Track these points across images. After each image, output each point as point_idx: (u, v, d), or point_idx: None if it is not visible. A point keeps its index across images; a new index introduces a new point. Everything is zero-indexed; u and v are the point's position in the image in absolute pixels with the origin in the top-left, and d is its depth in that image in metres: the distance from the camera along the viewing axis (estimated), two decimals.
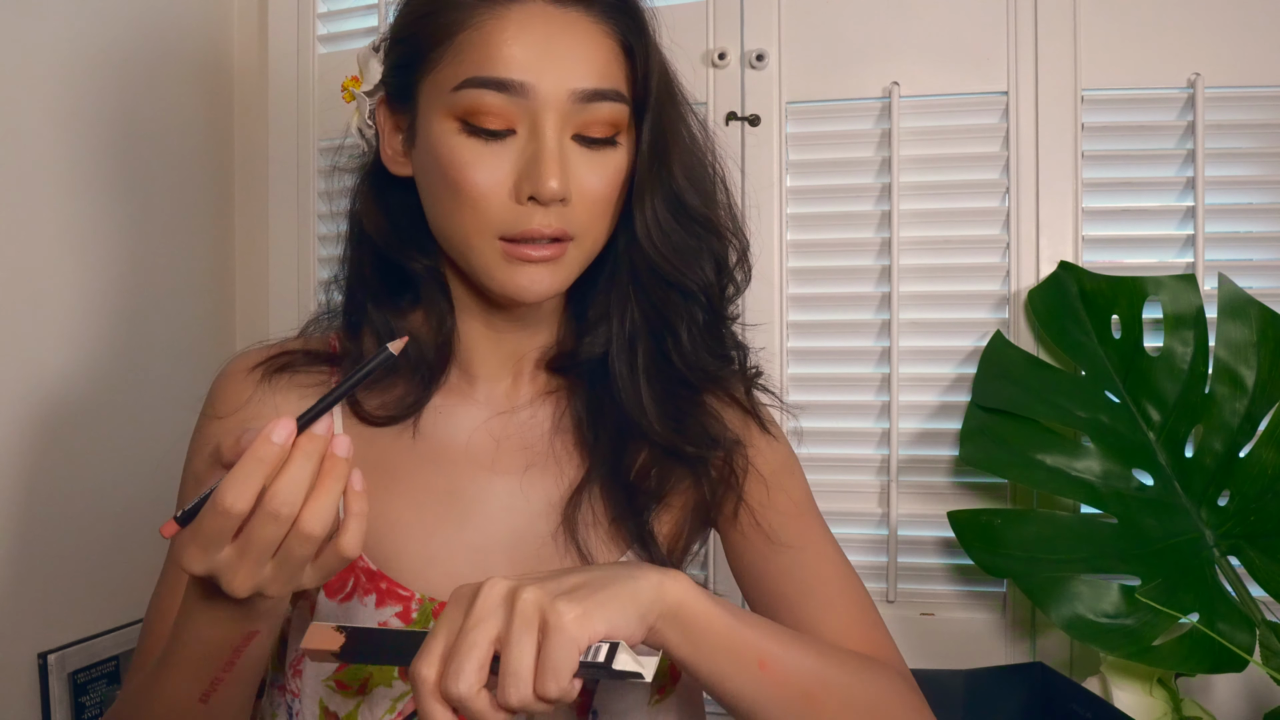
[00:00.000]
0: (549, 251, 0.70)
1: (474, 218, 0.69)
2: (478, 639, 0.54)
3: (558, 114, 0.68)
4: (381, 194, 0.78)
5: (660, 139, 0.73)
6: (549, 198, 0.67)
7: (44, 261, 1.17)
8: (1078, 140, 1.23)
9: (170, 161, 1.39)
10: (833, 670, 0.67)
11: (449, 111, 0.69)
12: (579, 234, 0.71)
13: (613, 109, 0.70)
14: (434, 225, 0.74)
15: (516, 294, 0.71)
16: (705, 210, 0.76)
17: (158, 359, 1.34)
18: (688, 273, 0.75)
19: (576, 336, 0.80)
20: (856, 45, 1.29)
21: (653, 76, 0.72)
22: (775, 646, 0.64)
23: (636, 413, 0.76)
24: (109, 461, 1.25)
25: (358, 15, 1.49)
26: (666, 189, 0.74)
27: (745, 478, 0.80)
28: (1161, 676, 1.05)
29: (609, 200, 0.72)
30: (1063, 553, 1.09)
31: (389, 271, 0.77)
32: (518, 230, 0.69)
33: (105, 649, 1.24)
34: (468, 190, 0.68)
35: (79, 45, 1.22)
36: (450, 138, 0.69)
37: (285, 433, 0.54)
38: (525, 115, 0.68)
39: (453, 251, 0.73)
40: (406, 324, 0.77)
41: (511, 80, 0.67)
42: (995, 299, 1.26)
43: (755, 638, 0.64)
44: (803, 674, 0.65)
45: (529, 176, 0.68)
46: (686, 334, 0.76)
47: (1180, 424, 1.13)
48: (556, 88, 0.68)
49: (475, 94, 0.68)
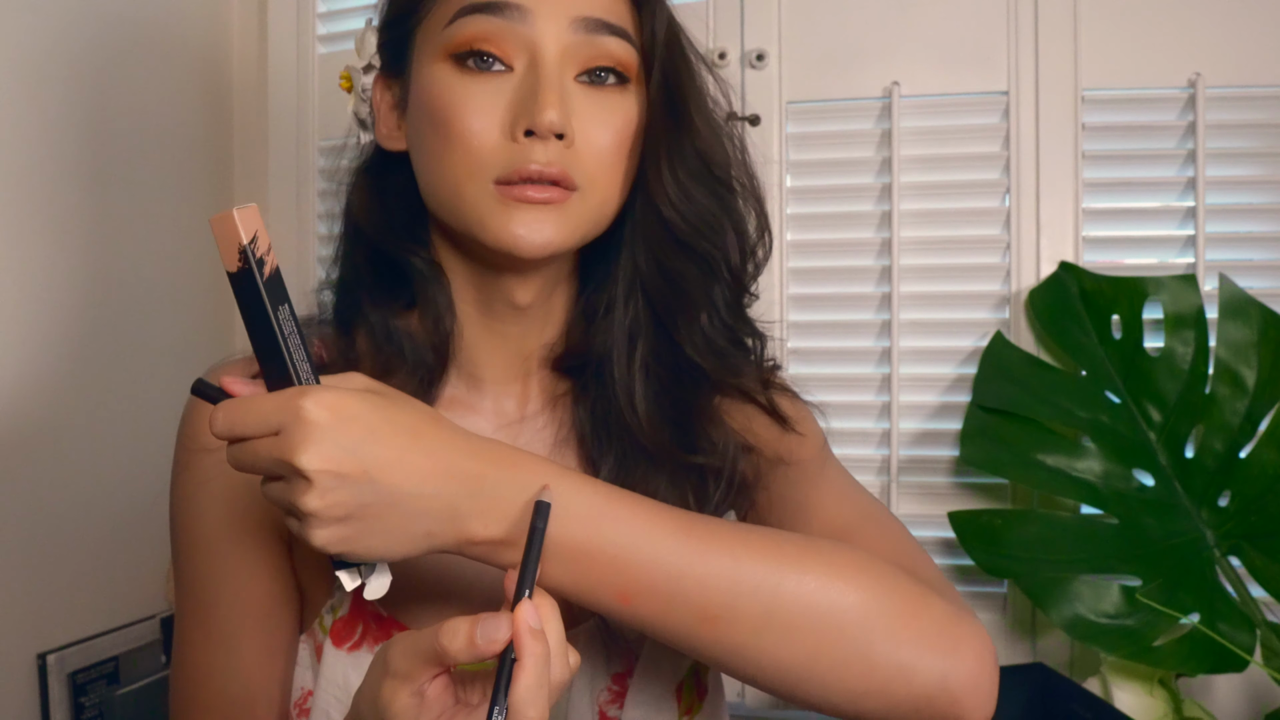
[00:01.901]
0: (550, 194, 0.62)
1: (465, 159, 0.62)
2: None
3: (558, 43, 0.63)
4: (376, 182, 0.73)
5: (676, 89, 0.67)
6: (546, 128, 0.60)
7: (44, 261, 1.17)
8: (1078, 140, 1.23)
9: (170, 161, 1.38)
10: (750, 579, 0.57)
11: (443, 50, 0.64)
12: (584, 185, 0.64)
13: (620, 45, 0.65)
14: (425, 184, 0.67)
15: (512, 244, 0.62)
16: (727, 169, 0.70)
17: (157, 359, 1.34)
18: (709, 237, 0.68)
19: (585, 334, 0.72)
20: (856, 45, 1.29)
21: (661, 24, 0.67)
22: (650, 571, 0.55)
23: (628, 414, 0.69)
24: (109, 462, 1.25)
25: (357, 16, 1.49)
26: (686, 144, 0.67)
27: (758, 483, 0.73)
28: (1162, 677, 1.05)
29: (617, 151, 0.65)
30: (1063, 553, 1.09)
31: (384, 268, 0.72)
32: (513, 169, 0.62)
33: (105, 649, 1.23)
34: (459, 130, 0.62)
35: (78, 45, 1.22)
36: (443, 79, 0.64)
37: (537, 615, 0.49)
38: (523, 47, 0.63)
39: (444, 208, 0.66)
40: (403, 323, 0.71)
41: (509, 2, 0.62)
42: (995, 299, 1.26)
43: (613, 567, 0.55)
44: (693, 596, 0.56)
45: (525, 110, 0.61)
46: (705, 314, 0.69)
47: (1181, 424, 1.13)
48: (557, 12, 0.63)
49: (470, 21, 0.63)
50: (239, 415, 0.52)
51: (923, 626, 0.59)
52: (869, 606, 0.58)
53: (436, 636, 0.48)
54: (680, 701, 0.73)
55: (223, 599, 0.69)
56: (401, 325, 0.71)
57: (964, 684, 0.60)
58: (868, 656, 0.58)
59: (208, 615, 0.70)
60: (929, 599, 0.61)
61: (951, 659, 0.59)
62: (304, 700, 0.71)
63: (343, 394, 0.52)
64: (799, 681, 0.59)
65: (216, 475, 0.68)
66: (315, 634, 0.71)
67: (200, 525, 0.70)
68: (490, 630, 0.48)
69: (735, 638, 0.57)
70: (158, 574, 1.35)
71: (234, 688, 0.69)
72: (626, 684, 0.71)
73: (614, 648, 0.70)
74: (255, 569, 0.69)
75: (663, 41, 0.67)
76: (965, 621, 0.61)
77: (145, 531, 1.31)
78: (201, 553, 0.70)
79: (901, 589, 0.60)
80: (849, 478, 0.77)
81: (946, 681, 0.59)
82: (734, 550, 0.57)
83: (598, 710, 0.70)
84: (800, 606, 0.57)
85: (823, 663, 0.58)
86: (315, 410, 0.50)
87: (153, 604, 1.33)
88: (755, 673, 0.59)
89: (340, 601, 0.69)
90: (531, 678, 0.47)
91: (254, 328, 0.52)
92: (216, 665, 0.69)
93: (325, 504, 0.51)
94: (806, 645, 0.57)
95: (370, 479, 0.51)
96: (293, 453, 0.50)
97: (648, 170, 0.67)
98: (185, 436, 0.71)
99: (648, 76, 0.67)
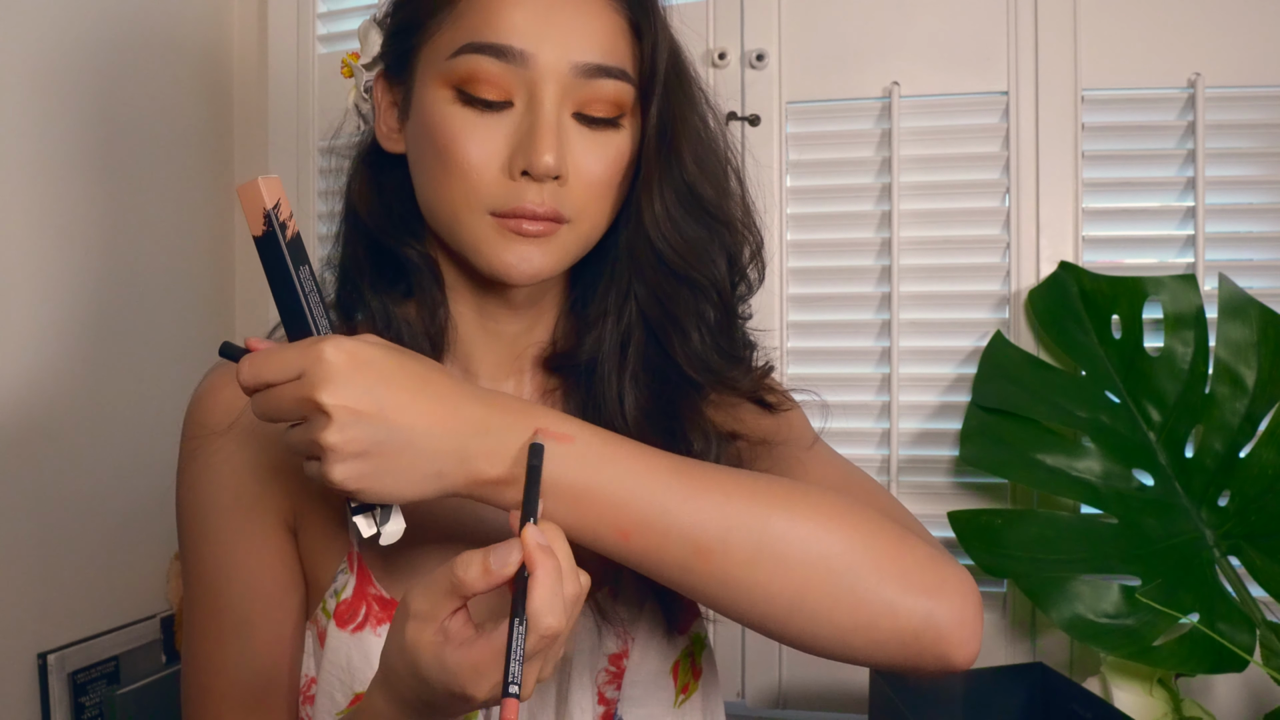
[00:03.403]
0: (542, 227, 0.66)
1: (463, 191, 0.66)
2: None
3: (558, 86, 0.65)
4: (375, 175, 0.75)
5: (670, 124, 0.69)
6: (542, 172, 0.64)
7: (44, 261, 1.17)
8: (1078, 140, 1.23)
9: (170, 161, 1.39)
10: (741, 515, 0.60)
11: (445, 79, 0.66)
12: (574, 217, 0.67)
13: (617, 88, 0.67)
14: (423, 201, 0.70)
15: (504, 272, 0.67)
16: (718, 201, 0.72)
17: (158, 359, 1.34)
18: (699, 267, 0.71)
19: (577, 335, 0.76)
20: (856, 45, 1.29)
21: (661, 58, 0.69)
22: (645, 508, 0.58)
23: (617, 420, 0.72)
24: (109, 462, 1.25)
25: (358, 15, 1.49)
26: (677, 178, 0.70)
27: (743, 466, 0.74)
28: (1161, 676, 1.05)
29: (608, 184, 0.68)
30: (1063, 553, 1.09)
31: (383, 257, 0.74)
32: (508, 207, 0.65)
33: (105, 649, 1.24)
34: (458, 161, 0.65)
35: (78, 45, 1.22)
36: (444, 107, 0.66)
37: (544, 536, 0.51)
38: (523, 86, 0.65)
39: (441, 228, 0.69)
40: (401, 312, 0.73)
41: (511, 47, 0.64)
42: (995, 299, 1.26)
43: (612, 503, 0.58)
44: (687, 530, 0.59)
45: (523, 150, 0.64)
46: (697, 333, 0.72)
47: (1180, 424, 1.13)
48: (558, 58, 0.65)
49: (472, 60, 0.65)
50: (264, 363, 0.56)
51: (906, 566, 0.61)
52: (854, 545, 0.61)
53: (452, 569, 0.51)
54: (676, 680, 0.75)
55: (233, 586, 0.71)
56: (400, 314, 0.73)
57: (949, 621, 0.61)
58: (854, 592, 0.60)
59: (218, 603, 0.71)
60: (912, 541, 0.63)
61: (935, 597, 0.61)
62: (307, 687, 0.73)
63: (360, 342, 0.56)
64: (788, 616, 0.61)
65: (223, 462, 0.70)
66: (319, 620, 0.72)
67: (208, 513, 0.71)
68: (502, 555, 0.50)
69: (728, 571, 0.59)
70: (158, 574, 1.35)
71: (247, 674, 0.70)
72: (623, 665, 0.73)
73: (608, 629, 0.72)
74: (263, 555, 0.71)
75: (662, 76, 0.69)
76: (948, 563, 0.64)
77: (145, 532, 1.31)
78: (210, 541, 0.71)
79: (886, 531, 0.62)
80: (837, 455, 0.78)
81: (931, 618, 0.61)
82: (725, 488, 0.61)
83: (596, 691, 0.72)
84: (789, 542, 0.60)
85: (811, 597, 0.60)
86: (335, 354, 0.54)
87: (153, 604, 1.33)
88: (748, 607, 0.61)
89: (343, 585, 0.70)
90: (546, 589, 0.50)
91: (277, 287, 0.57)
92: (229, 653, 0.70)
93: (344, 439, 0.54)
94: (795, 579, 0.60)
95: (385, 418, 0.55)
96: (314, 390, 0.54)
97: (640, 198, 0.70)
98: (193, 425, 0.72)
99: (644, 104, 0.69)
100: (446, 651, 0.51)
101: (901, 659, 0.62)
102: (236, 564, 0.70)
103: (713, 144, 0.74)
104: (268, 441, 0.70)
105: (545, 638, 0.50)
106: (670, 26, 0.71)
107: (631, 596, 0.74)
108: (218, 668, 0.71)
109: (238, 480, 0.70)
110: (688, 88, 0.72)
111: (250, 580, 0.71)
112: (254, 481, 0.70)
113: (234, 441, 0.70)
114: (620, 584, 0.73)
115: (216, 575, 0.71)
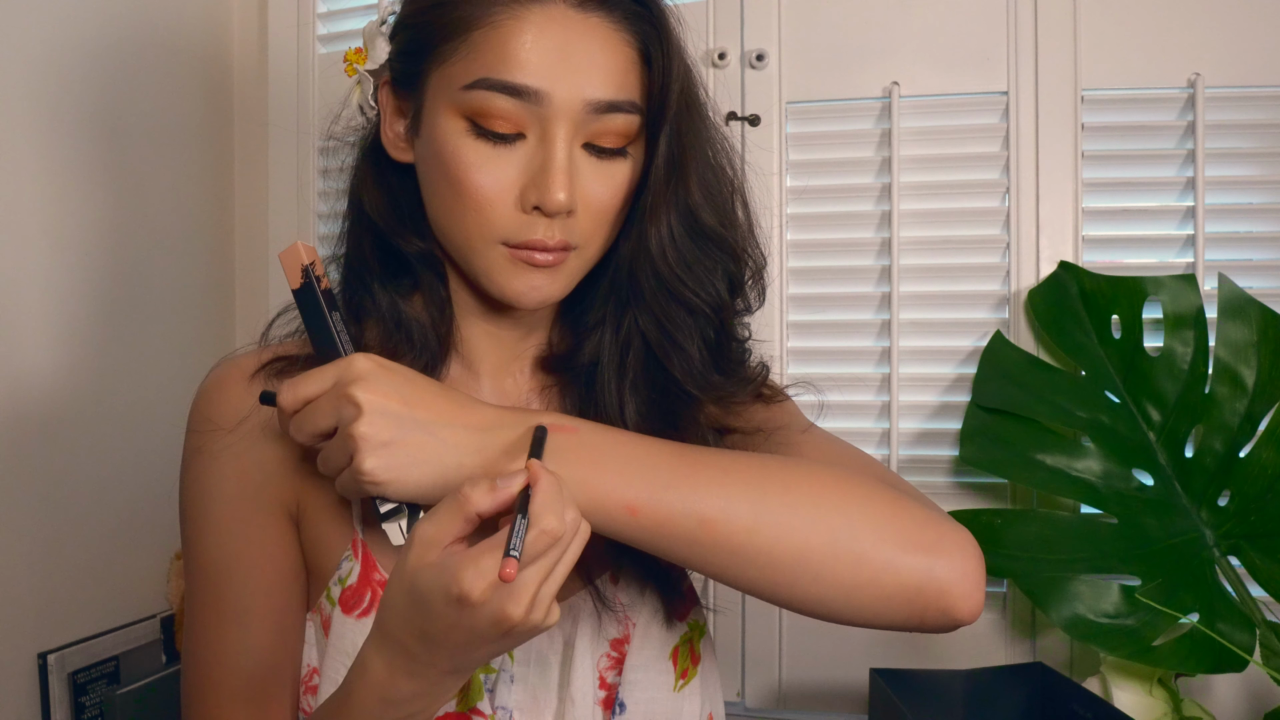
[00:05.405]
0: (553, 258, 0.69)
1: (477, 222, 0.68)
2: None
3: (570, 123, 0.67)
4: (382, 174, 0.76)
5: (677, 153, 0.71)
6: (555, 210, 0.66)
7: (45, 261, 1.17)
8: (1078, 140, 1.23)
9: (170, 161, 1.39)
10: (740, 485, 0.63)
11: (458, 109, 0.67)
12: (582, 243, 0.70)
13: (627, 120, 0.69)
14: (434, 222, 0.72)
15: (515, 299, 0.70)
16: (721, 229, 0.74)
17: (158, 358, 1.34)
18: (697, 289, 0.73)
19: (573, 340, 0.78)
20: (856, 45, 1.29)
21: (672, 87, 0.70)
22: (651, 485, 0.62)
23: (615, 422, 0.73)
24: (109, 461, 1.25)
25: (358, 15, 1.50)
26: (682, 205, 0.71)
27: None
28: (1161, 676, 1.05)
29: (613, 210, 0.71)
30: (1063, 553, 1.09)
31: (389, 253, 0.76)
32: (520, 239, 0.68)
33: (105, 649, 1.24)
34: (472, 193, 0.67)
35: (78, 44, 1.22)
36: (457, 137, 0.67)
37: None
38: (536, 121, 0.67)
39: (453, 251, 0.72)
40: (408, 307, 0.75)
41: (526, 86, 0.65)
42: (995, 299, 1.26)
43: (618, 483, 0.62)
44: (690, 502, 0.62)
45: (536, 186, 0.67)
46: (696, 352, 0.74)
47: (1180, 424, 1.13)
48: (571, 97, 0.66)
49: (487, 96, 0.66)
50: (302, 382, 0.62)
51: (904, 525, 0.64)
52: (850, 508, 0.64)
53: (459, 489, 0.55)
54: (676, 665, 0.77)
55: (235, 578, 0.71)
56: (407, 309, 0.75)
57: (949, 576, 0.64)
58: (853, 551, 0.63)
59: (220, 595, 0.72)
60: (907, 503, 0.66)
61: (934, 554, 0.64)
62: (309, 678, 0.73)
63: (383, 359, 0.63)
64: (793, 579, 0.63)
65: (228, 456, 0.71)
66: (322, 608, 0.73)
67: (212, 505, 0.72)
68: (508, 477, 0.55)
69: (732, 538, 0.63)
70: (158, 574, 1.35)
71: (249, 665, 0.71)
72: (624, 650, 0.75)
73: (610, 615, 0.74)
74: (265, 547, 0.72)
75: (673, 107, 0.70)
76: (946, 522, 0.67)
77: (146, 532, 1.31)
78: (213, 533, 0.72)
79: (881, 494, 0.66)
80: (832, 436, 0.80)
81: (932, 573, 0.64)
82: (722, 464, 0.65)
83: (598, 676, 0.74)
84: (785, 505, 0.63)
85: (814, 559, 0.63)
86: (365, 361, 0.62)
87: (153, 604, 1.34)
88: (755, 574, 0.64)
89: (348, 572, 0.71)
90: (547, 494, 0.54)
91: (313, 329, 0.66)
92: (230, 645, 0.71)
93: (373, 429, 0.59)
94: (797, 541, 0.63)
95: (410, 411, 0.61)
96: (347, 387, 0.60)
97: (646, 223, 0.72)
98: (198, 419, 0.73)
99: (651, 130, 0.71)
100: (446, 555, 0.55)
101: (906, 615, 0.65)
102: (238, 554, 0.71)
103: (720, 170, 0.75)
104: (273, 435, 0.71)
105: (546, 533, 0.53)
106: (683, 50, 0.72)
107: (632, 583, 0.76)
108: (218, 657, 0.72)
109: (242, 472, 0.71)
110: (697, 115, 0.73)
111: (252, 570, 0.72)
112: (258, 473, 0.71)
113: (239, 437, 0.71)
114: (621, 571, 0.75)
115: (218, 565, 0.72)
